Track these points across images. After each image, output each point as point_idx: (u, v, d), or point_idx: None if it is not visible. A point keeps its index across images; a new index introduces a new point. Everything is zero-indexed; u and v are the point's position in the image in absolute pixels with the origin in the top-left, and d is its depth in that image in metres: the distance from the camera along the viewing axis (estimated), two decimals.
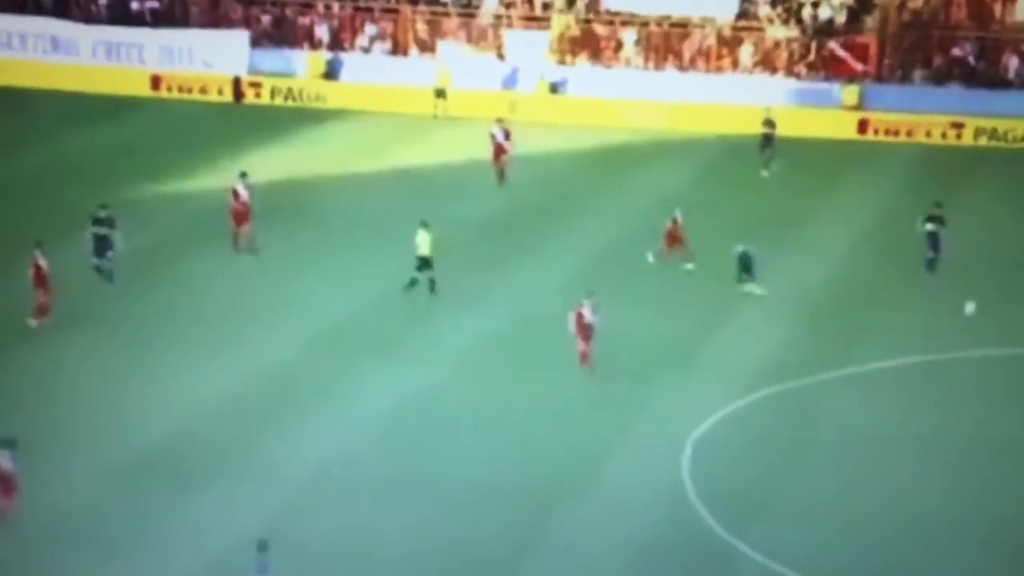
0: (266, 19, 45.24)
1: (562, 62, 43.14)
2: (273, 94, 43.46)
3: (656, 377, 26.40)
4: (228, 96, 43.46)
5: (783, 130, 38.99)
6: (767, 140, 38.85)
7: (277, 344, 27.28)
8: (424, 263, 29.61)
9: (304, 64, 44.06)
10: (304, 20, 45.00)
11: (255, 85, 43.48)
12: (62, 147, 39.34)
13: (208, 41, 44.32)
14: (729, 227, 32.06)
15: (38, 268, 27.33)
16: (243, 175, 31.75)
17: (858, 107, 40.94)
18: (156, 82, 43.71)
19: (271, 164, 36.84)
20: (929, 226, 30.33)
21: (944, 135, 39.77)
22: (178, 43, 44.33)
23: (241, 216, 31.42)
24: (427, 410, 25.40)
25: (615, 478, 23.23)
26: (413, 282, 29.52)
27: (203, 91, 43.49)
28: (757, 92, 41.29)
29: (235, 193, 31.46)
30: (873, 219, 34.97)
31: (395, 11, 44.65)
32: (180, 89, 43.72)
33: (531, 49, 43.48)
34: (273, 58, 44.33)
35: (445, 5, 44.61)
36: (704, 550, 21.10)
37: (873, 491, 22.39)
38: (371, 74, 43.77)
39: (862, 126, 40.33)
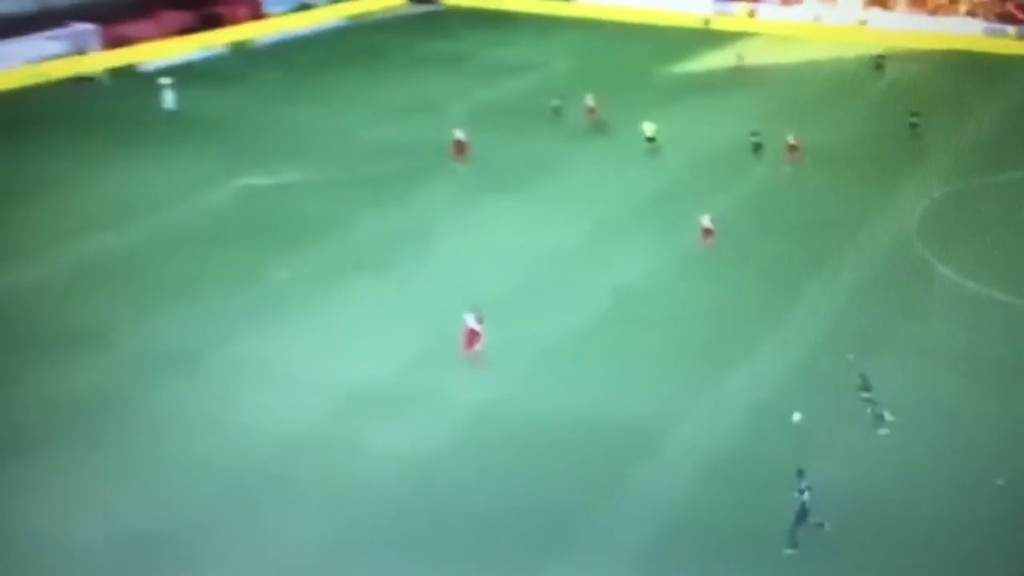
0: None
1: None
2: None
3: (900, 181, 43.36)
4: None
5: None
6: (879, 67, 61.74)
7: None
8: (650, 140, 46.88)
9: None
10: None
11: None
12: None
13: None
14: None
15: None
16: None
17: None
18: None
19: None
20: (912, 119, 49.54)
21: None
22: None
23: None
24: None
25: (872, 234, 37.75)
26: (649, 151, 46.55)
27: None
28: (963, 28, 70.13)
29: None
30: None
31: None
32: None
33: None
34: None
35: None
36: (921, 271, 34.35)
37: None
38: None
39: None
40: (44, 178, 43.55)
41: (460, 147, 45.37)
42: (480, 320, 28.80)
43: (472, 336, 28.87)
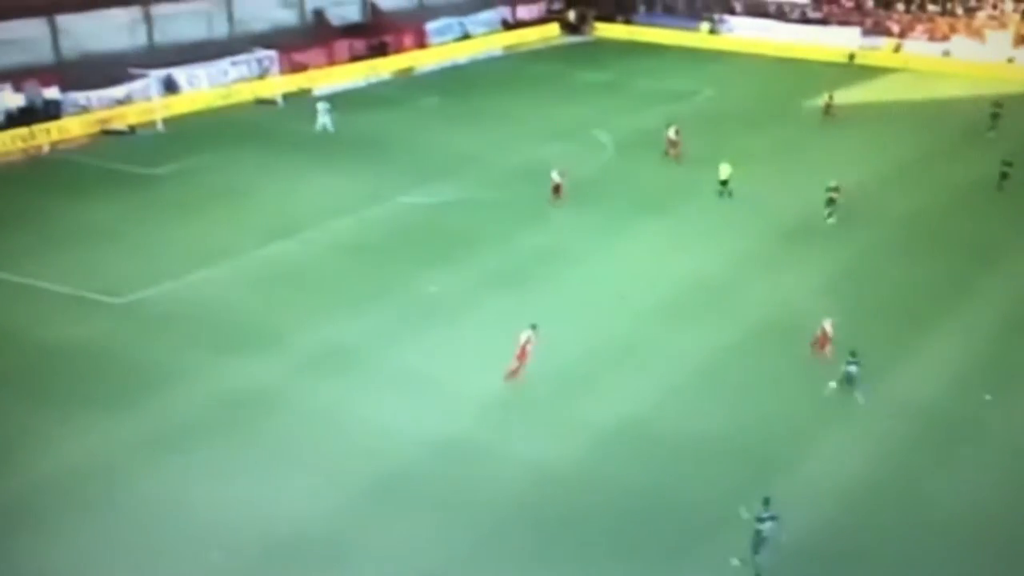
0: None
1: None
2: None
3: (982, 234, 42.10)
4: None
5: None
6: (994, 116, 55.86)
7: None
8: (723, 183, 45.02)
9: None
10: None
11: None
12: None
13: None
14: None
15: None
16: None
17: None
18: None
19: None
20: (1004, 168, 46.42)
21: None
22: None
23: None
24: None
25: (1014, 260, 39.14)
26: (720, 193, 44.83)
27: None
28: None
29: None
30: None
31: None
32: None
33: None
34: None
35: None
36: None
37: None
38: None
39: None
40: (226, 190, 46.91)
41: (557, 189, 44.77)
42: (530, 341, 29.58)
43: (523, 355, 29.63)
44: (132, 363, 31.40)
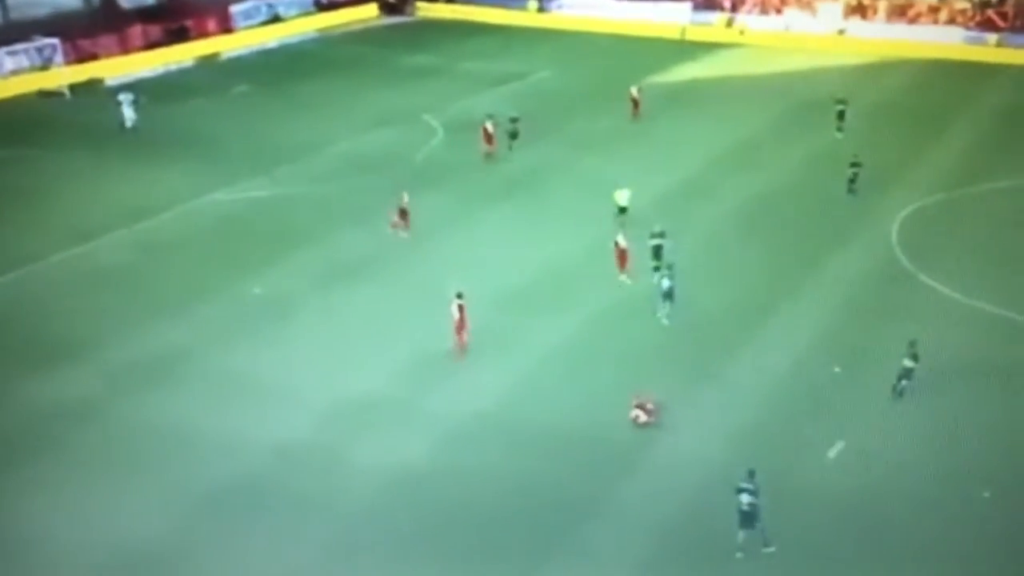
0: None
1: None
2: None
3: (882, 191, 44.12)
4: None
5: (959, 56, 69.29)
6: (841, 114, 53.05)
7: None
8: (622, 210, 41.50)
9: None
10: None
11: None
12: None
13: None
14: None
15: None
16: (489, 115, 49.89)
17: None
18: None
19: None
20: (852, 171, 44.42)
21: None
22: None
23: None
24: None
25: (857, 240, 39.46)
26: (617, 219, 40.77)
27: None
28: (944, 36, 72.86)
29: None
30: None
31: None
32: None
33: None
34: None
35: None
36: (899, 278, 36.17)
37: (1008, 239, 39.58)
38: None
39: None
40: (15, 191, 45.37)
41: (403, 214, 41.03)
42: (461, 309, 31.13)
43: (460, 324, 31.22)
44: None
